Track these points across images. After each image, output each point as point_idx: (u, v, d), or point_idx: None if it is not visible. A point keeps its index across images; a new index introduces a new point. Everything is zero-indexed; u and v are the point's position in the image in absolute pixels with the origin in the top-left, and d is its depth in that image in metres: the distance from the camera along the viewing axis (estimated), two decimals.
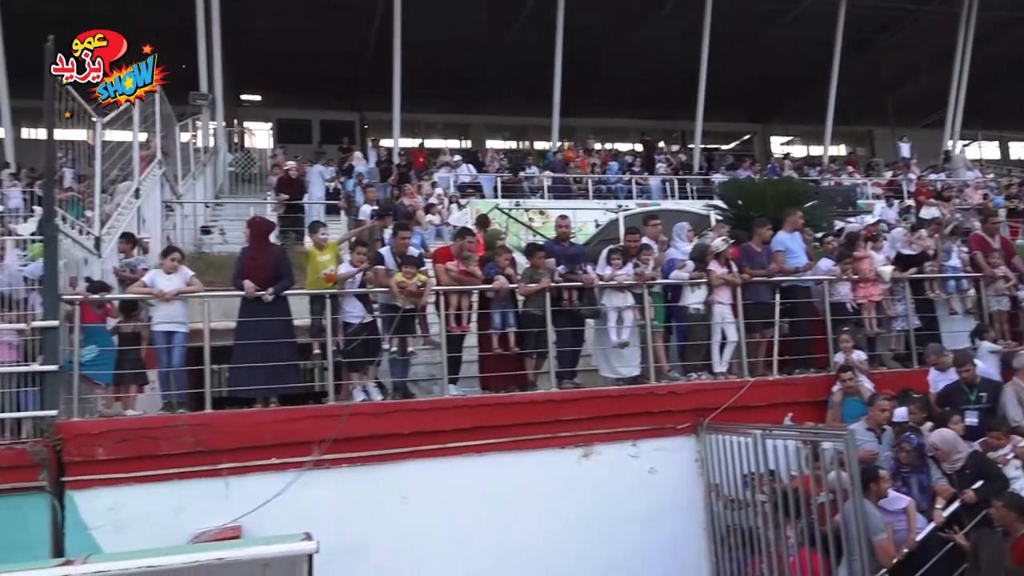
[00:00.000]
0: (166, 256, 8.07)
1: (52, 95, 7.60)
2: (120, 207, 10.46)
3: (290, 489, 7.43)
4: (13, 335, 7.35)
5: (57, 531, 6.99)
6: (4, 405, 7.20)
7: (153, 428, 7.34)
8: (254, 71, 26.16)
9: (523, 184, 20.55)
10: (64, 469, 7.04)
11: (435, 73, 26.67)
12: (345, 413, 7.64)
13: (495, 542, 8.00)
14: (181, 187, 14.94)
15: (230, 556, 5.55)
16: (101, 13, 20.40)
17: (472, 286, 8.59)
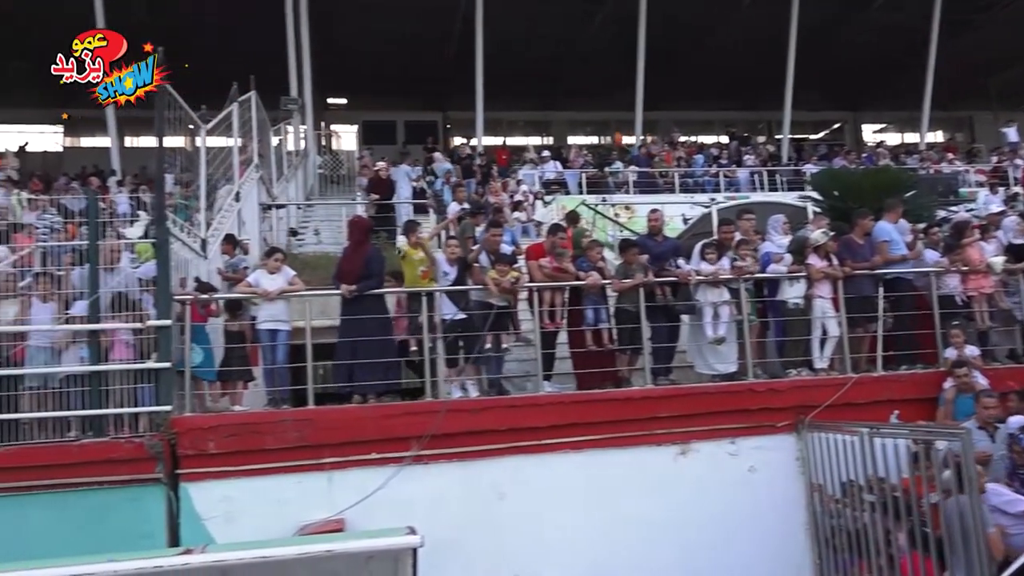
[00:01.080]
0: (269, 257, 8.33)
1: (163, 104, 7.90)
2: (222, 210, 10.85)
3: (390, 484, 7.57)
4: (129, 334, 7.70)
5: (173, 521, 7.30)
6: (123, 401, 7.56)
7: (259, 423, 7.59)
8: (340, 75, 26.74)
9: (608, 179, 20.40)
10: (178, 462, 7.35)
11: (516, 71, 26.74)
12: (443, 410, 7.74)
13: (592, 539, 7.98)
14: (276, 189, 15.40)
15: (339, 548, 5.70)
16: (197, 25, 21.33)
17: (565, 282, 8.56)
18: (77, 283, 7.80)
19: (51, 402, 7.48)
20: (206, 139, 10.17)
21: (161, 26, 22.60)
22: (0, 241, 9.40)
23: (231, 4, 21.96)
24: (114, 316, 7.67)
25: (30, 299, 7.65)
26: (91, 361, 7.51)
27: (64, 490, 7.15)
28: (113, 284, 7.71)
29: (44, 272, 7.80)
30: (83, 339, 7.56)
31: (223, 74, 13.46)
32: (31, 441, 7.33)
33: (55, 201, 13.21)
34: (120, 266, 8.10)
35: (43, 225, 10.61)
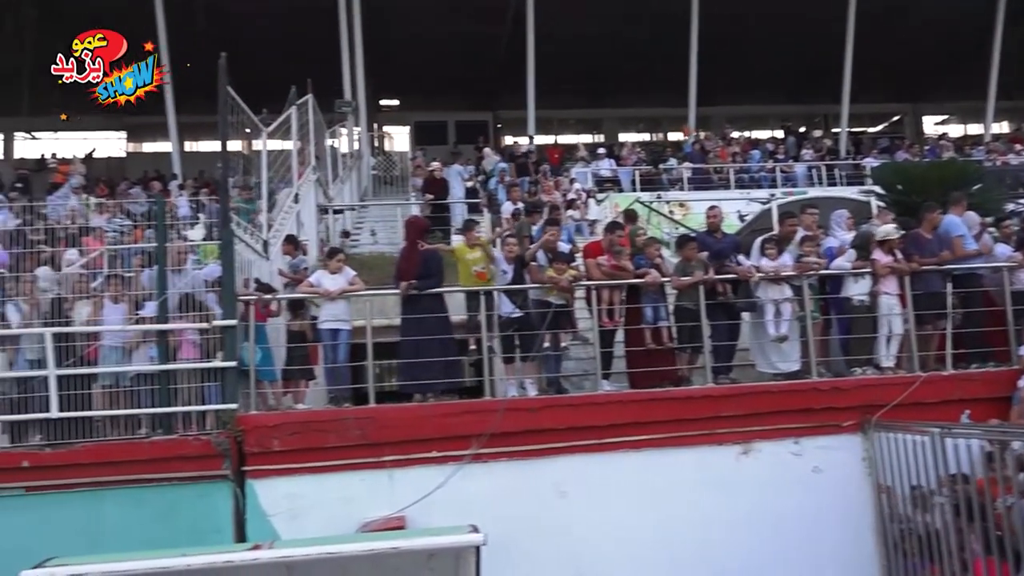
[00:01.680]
0: (331, 257, 8.44)
1: (226, 108, 8.07)
2: (282, 212, 11.04)
3: (450, 482, 7.61)
4: (196, 334, 7.88)
5: (240, 517, 7.45)
6: (190, 399, 7.75)
7: (322, 421, 7.69)
8: (391, 77, 27.00)
9: (662, 176, 20.21)
10: (244, 459, 7.50)
11: (567, 69, 26.69)
12: (501, 408, 7.75)
13: (653, 539, 7.90)
14: (332, 191, 15.62)
15: (404, 546, 5.74)
16: (254, 32, 21.74)
17: (624, 280, 8.51)
18: (146, 284, 8.02)
19: (123, 400, 7.70)
20: (266, 142, 10.33)
21: (219, 34, 23.17)
22: (72, 244, 9.69)
23: (286, 11, 22.36)
24: (181, 316, 7.87)
25: (102, 300, 7.87)
26: (160, 360, 7.71)
27: (137, 486, 7.37)
28: (180, 285, 7.90)
29: (115, 274, 8.02)
30: (152, 339, 7.77)
31: (279, 78, 13.71)
32: (105, 438, 7.57)
33: (121, 205, 13.59)
34: (186, 268, 8.30)
35: (112, 229, 10.92)
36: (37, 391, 7.55)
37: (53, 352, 7.44)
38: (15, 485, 7.23)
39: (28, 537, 7.07)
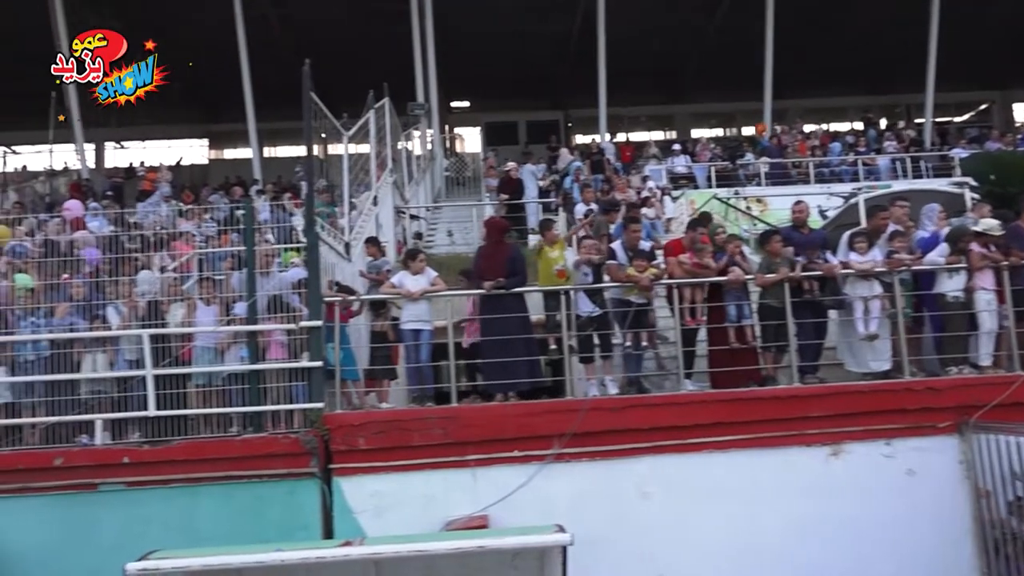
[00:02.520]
0: (412, 258, 8.54)
1: (310, 114, 8.25)
2: (362, 214, 11.24)
3: (532, 481, 7.61)
4: (284, 335, 8.08)
5: (327, 514, 7.61)
6: (279, 398, 7.95)
7: (406, 420, 7.79)
8: (462, 78, 27.23)
9: (738, 172, 19.83)
10: (331, 457, 7.66)
11: (637, 65, 26.44)
12: (583, 408, 7.72)
13: (738, 542, 7.74)
14: (407, 193, 15.84)
15: (491, 544, 5.77)
16: (328, 38, 22.20)
17: (707, 278, 8.38)
18: (236, 287, 8.26)
19: (215, 399, 7.95)
20: (347, 146, 10.53)
21: (296, 42, 23.84)
22: (164, 249, 10.05)
23: (359, 17, 22.80)
24: (269, 318, 8.08)
25: (195, 302, 8.14)
26: (250, 360, 7.93)
27: (229, 482, 7.60)
28: (268, 288, 8.11)
29: (206, 277, 8.29)
30: (243, 339, 8.00)
31: (352, 83, 13.96)
32: (199, 436, 7.83)
33: (207, 210, 14.02)
34: (272, 270, 8.51)
35: (199, 233, 11.27)
36: (135, 390, 7.88)
37: (150, 352, 7.74)
38: (116, 480, 7.53)
39: (129, 530, 7.39)
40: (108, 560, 7.21)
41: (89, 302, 8.19)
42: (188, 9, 22.71)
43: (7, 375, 7.90)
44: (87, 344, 7.99)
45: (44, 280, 8.40)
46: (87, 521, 7.51)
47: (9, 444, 7.81)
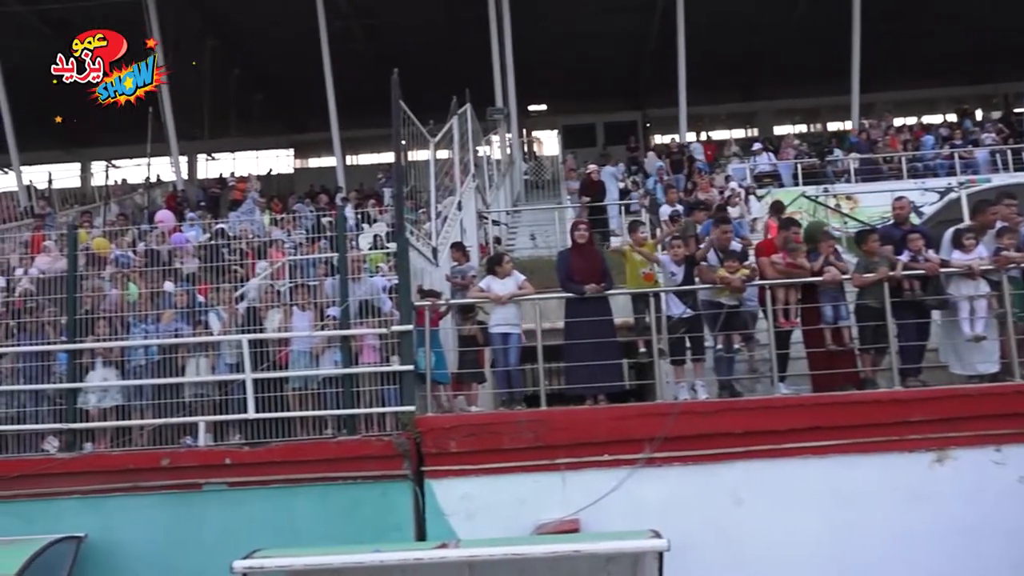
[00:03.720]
0: (500, 262, 8.59)
1: (399, 121, 8.39)
2: (447, 219, 11.37)
3: (623, 485, 7.55)
4: (376, 339, 8.23)
5: (419, 515, 7.71)
6: (371, 401, 8.10)
7: (496, 423, 7.84)
8: (539, 81, 27.28)
9: (826, 169, 19.26)
10: (423, 460, 7.76)
11: (717, 63, 26.03)
12: (674, 412, 7.62)
13: (836, 550, 7.51)
14: (489, 197, 15.96)
15: (587, 549, 5.75)
16: (410, 47, 22.57)
17: (801, 278, 8.17)
18: (329, 292, 8.46)
19: (311, 402, 8.15)
20: (434, 152, 10.67)
21: (378, 51, 24.34)
22: (259, 257, 10.37)
23: (439, 24, 23.12)
24: (362, 322, 8.24)
25: (291, 308, 8.38)
26: (344, 364, 8.11)
27: (324, 483, 7.78)
28: (360, 293, 8.28)
29: (301, 283, 8.51)
30: (336, 344, 8.18)
31: (432, 89, 14.14)
32: (296, 438, 8.04)
33: (296, 218, 14.42)
34: (363, 276, 8.68)
35: (291, 241, 11.60)
36: (235, 393, 8.15)
37: (249, 357, 8.00)
38: (219, 481, 7.80)
39: (231, 528, 7.66)
40: (212, 557, 7.50)
41: (192, 308, 8.51)
42: (272, 24, 23.46)
43: (118, 378, 8.28)
44: (191, 349, 8.30)
45: (149, 288, 8.77)
46: (192, 519, 7.80)
47: (120, 445, 8.19)
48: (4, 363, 8.46)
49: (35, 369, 8.35)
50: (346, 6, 23.21)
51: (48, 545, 7.14)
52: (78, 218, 16.55)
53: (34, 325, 8.55)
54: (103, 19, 22.05)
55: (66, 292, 8.50)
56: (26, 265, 11.06)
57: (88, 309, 8.54)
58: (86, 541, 7.60)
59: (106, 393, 8.26)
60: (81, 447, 8.18)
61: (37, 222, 16.28)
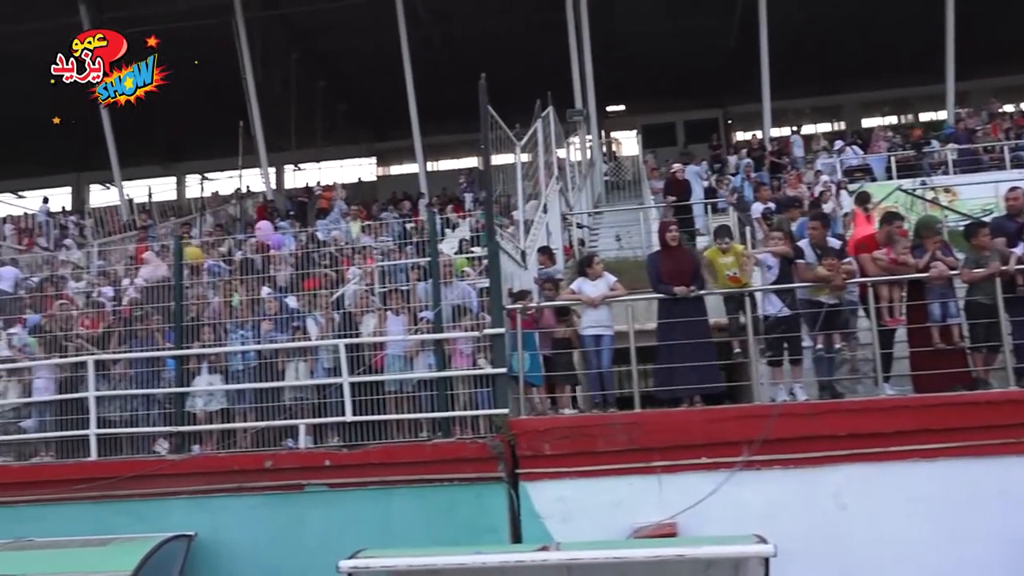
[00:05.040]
0: (590, 264, 8.55)
1: (487, 126, 8.45)
2: (533, 222, 11.40)
3: (721, 489, 7.41)
4: (467, 342, 8.30)
5: (514, 518, 7.73)
6: (464, 404, 8.17)
7: (590, 426, 7.80)
8: (618, 82, 27.09)
9: (922, 161, 18.48)
10: (517, 462, 7.78)
11: (800, 56, 25.34)
12: (774, 413, 7.44)
13: (945, 558, 7.20)
14: (571, 199, 15.92)
15: (690, 553, 5.65)
16: (488, 51, 22.73)
17: (905, 275, 7.87)
18: (422, 297, 8.58)
19: (405, 405, 8.27)
20: (519, 156, 10.71)
21: (456, 58, 24.64)
22: (346, 264, 10.59)
23: (517, 28, 23.23)
24: (453, 326, 8.33)
25: (385, 312, 8.53)
26: (437, 367, 8.21)
27: (420, 485, 7.89)
28: (452, 297, 8.37)
29: (395, 288, 8.66)
30: (430, 347, 8.29)
31: (511, 93, 14.12)
32: (392, 440, 8.18)
33: (383, 225, 14.69)
34: (454, 280, 8.77)
35: (379, 247, 11.82)
36: (333, 397, 8.35)
37: (346, 361, 8.18)
38: (320, 482, 8.01)
39: (331, 528, 7.85)
40: (314, 556, 7.72)
41: (291, 315, 8.76)
42: (354, 36, 23.99)
43: (223, 383, 8.59)
44: (290, 354, 8.55)
45: (248, 295, 9.07)
46: (295, 519, 8.04)
47: (225, 447, 8.49)
48: (117, 369, 8.87)
49: (146, 374, 8.74)
50: (425, 15, 23.56)
51: (162, 543, 7.45)
52: (177, 229, 17.27)
53: (144, 332, 8.95)
54: (193, 38, 23.10)
55: (172, 300, 8.88)
56: (132, 275, 11.60)
57: (193, 316, 8.89)
58: (195, 539, 7.91)
59: (212, 397, 8.57)
60: (189, 449, 8.51)
61: (140, 234, 17.06)
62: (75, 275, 12.50)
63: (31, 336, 9.55)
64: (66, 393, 8.83)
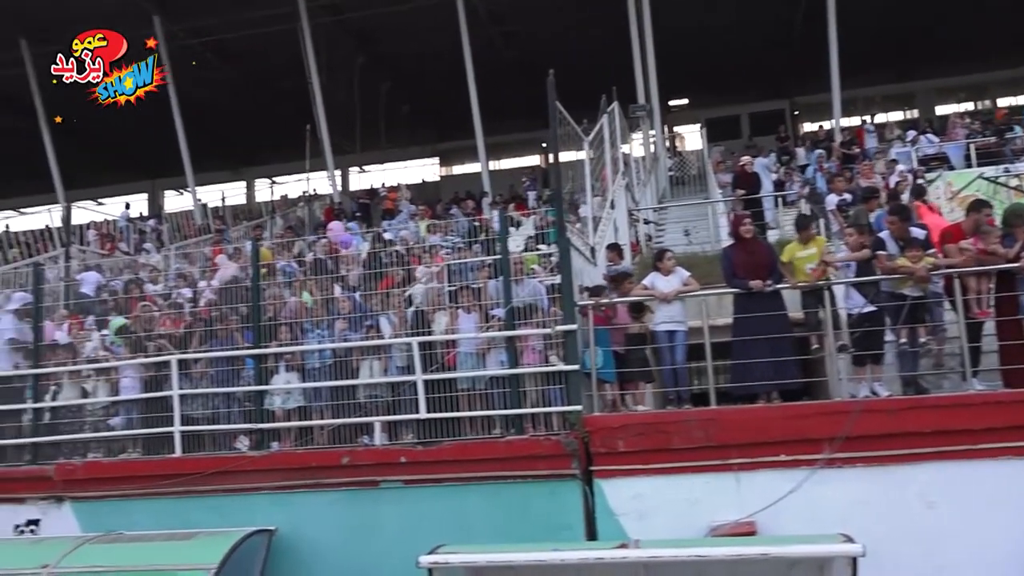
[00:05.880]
0: (662, 259, 8.45)
1: (555, 122, 8.42)
2: (601, 219, 11.33)
3: (802, 487, 7.23)
4: (538, 339, 8.29)
5: (589, 515, 7.69)
6: (536, 401, 8.16)
7: (665, 423, 7.71)
8: (680, 76, 26.76)
9: (1004, 148, 17.75)
10: (592, 459, 7.73)
11: (870, 43, 24.59)
12: (856, 410, 7.23)
13: None
14: (636, 195, 15.79)
15: (774, 552, 5.52)
16: (550, 51, 22.69)
17: (995, 265, 7.56)
18: (493, 294, 8.60)
19: (478, 402, 8.31)
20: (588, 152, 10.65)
21: (518, 54, 24.68)
22: (418, 263, 10.68)
23: (579, 23, 23.13)
24: (524, 323, 8.32)
25: (457, 310, 8.58)
26: (509, 365, 8.22)
27: (495, 482, 7.91)
28: (523, 294, 8.36)
29: (466, 286, 8.70)
30: (501, 344, 8.30)
31: (574, 90, 14.02)
32: (465, 437, 8.22)
33: (449, 224, 14.83)
34: (524, 277, 8.76)
35: (447, 246, 11.90)
36: (406, 394, 8.43)
37: (419, 359, 8.25)
38: (395, 479, 8.10)
39: (407, 525, 7.93)
40: (390, 552, 7.82)
41: (364, 313, 8.88)
42: (416, 39, 24.21)
43: (299, 381, 8.76)
44: (363, 352, 8.67)
45: (323, 295, 9.23)
46: (371, 515, 8.15)
47: (303, 444, 8.65)
48: (198, 368, 9.12)
49: (225, 373, 8.97)
50: (485, 15, 23.64)
51: (245, 537, 7.64)
52: (250, 232, 17.69)
53: (223, 332, 9.19)
54: (264, 47, 23.68)
55: (249, 300, 9.09)
56: (209, 277, 11.94)
57: (270, 316, 9.08)
58: (276, 534, 8.09)
59: (289, 395, 8.75)
60: (268, 446, 8.70)
61: (216, 237, 17.54)
62: (152, 278, 12.93)
63: (116, 336, 9.89)
64: (151, 392, 9.13)
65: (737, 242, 8.36)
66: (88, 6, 20.80)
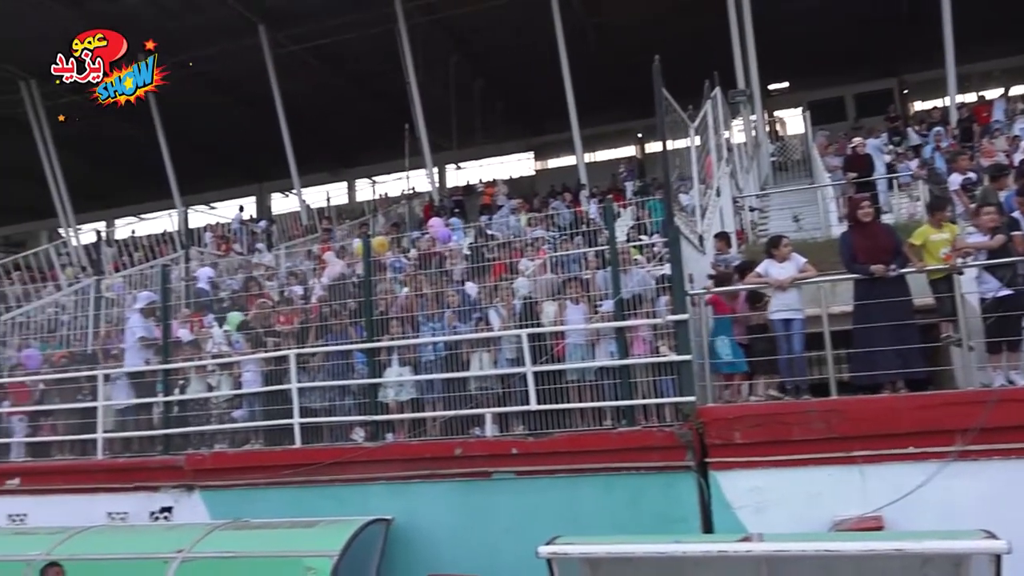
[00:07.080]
0: (777, 245, 8.20)
1: (663, 109, 8.29)
2: (708, 207, 11.09)
3: (932, 481, 6.91)
4: (647, 330, 8.19)
5: (705, 508, 7.55)
6: (648, 392, 8.06)
7: (784, 414, 7.50)
8: (780, 59, 25.88)
9: None
10: (706, 451, 7.59)
11: (987, 14, 23.13)
12: (992, 399, 6.84)
13: None
14: (740, 182, 15.40)
15: (910, 548, 5.29)
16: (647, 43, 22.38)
17: None
18: (601, 285, 8.55)
19: (588, 393, 8.27)
20: (694, 139, 10.44)
21: (611, 45, 24.44)
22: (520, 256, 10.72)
23: (672, 13, 22.74)
24: (633, 313, 8.24)
25: (564, 302, 8.57)
26: (619, 356, 8.15)
27: (607, 473, 7.87)
28: (632, 284, 8.28)
29: (574, 277, 8.68)
30: (611, 335, 8.24)
31: (671, 79, 13.68)
32: (576, 428, 8.20)
33: (547, 217, 14.79)
34: (631, 268, 8.67)
35: (551, 237, 11.90)
36: (516, 386, 8.47)
37: (529, 350, 8.28)
38: (507, 469, 8.17)
39: (519, 515, 7.98)
40: (503, 542, 7.90)
41: (473, 307, 8.98)
42: (510, 34, 24.27)
43: (411, 374, 8.94)
44: (473, 345, 8.76)
45: (432, 289, 9.38)
46: (484, 506, 8.25)
47: (416, 435, 8.83)
48: (314, 362, 9.42)
49: (340, 366, 9.23)
50: (578, 6, 23.47)
51: (364, 526, 7.86)
52: (356, 230, 18.15)
53: (337, 327, 9.46)
54: (365, 48, 24.21)
55: (362, 295, 9.32)
56: (318, 274, 12.32)
57: (382, 311, 9.29)
58: (393, 523, 8.28)
59: (402, 388, 8.93)
60: (383, 437, 8.91)
61: (324, 235, 18.11)
62: (267, 276, 13.45)
63: (237, 331, 10.33)
64: (271, 385, 9.48)
65: (855, 226, 8.02)
66: (201, 19, 21.83)
